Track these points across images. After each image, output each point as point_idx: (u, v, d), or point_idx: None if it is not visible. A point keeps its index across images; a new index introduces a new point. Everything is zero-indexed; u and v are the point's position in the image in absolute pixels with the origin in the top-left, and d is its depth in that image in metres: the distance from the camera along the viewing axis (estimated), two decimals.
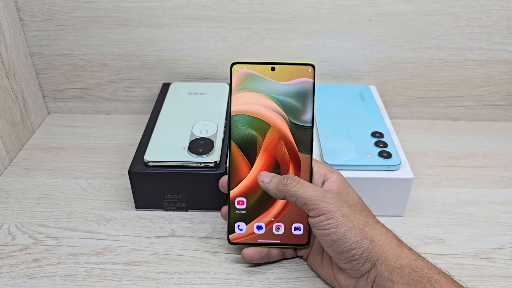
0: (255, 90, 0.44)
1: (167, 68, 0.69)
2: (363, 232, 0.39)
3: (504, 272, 0.47)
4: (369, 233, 0.39)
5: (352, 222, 0.40)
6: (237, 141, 0.45)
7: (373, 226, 0.40)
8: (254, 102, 0.44)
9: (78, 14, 0.64)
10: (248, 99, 0.44)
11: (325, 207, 0.40)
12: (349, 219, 0.40)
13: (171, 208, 0.54)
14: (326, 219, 0.40)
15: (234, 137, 0.45)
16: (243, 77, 0.44)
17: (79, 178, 0.60)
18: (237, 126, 0.44)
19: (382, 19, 0.64)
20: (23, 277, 0.46)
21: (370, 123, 0.58)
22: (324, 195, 0.41)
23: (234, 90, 0.44)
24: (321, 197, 0.40)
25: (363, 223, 0.40)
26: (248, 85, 0.44)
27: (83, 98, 0.72)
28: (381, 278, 0.38)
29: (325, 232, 0.40)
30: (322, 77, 0.69)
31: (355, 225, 0.39)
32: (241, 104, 0.44)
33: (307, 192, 0.41)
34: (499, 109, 0.71)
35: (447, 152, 0.65)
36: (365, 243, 0.39)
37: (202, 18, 0.64)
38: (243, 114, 0.44)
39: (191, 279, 0.46)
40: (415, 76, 0.69)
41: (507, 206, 0.56)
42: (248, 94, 0.44)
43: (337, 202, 0.41)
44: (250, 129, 0.44)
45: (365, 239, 0.39)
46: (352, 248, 0.39)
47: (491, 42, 0.65)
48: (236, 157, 0.45)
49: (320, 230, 0.40)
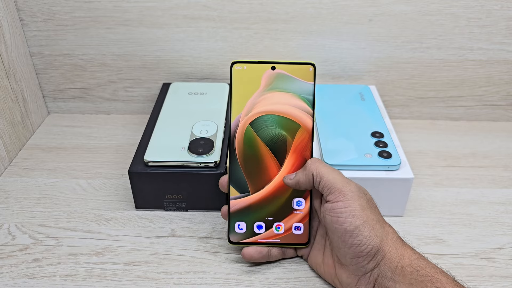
0: (285, 90, 0.44)
1: (167, 68, 0.69)
2: (376, 229, 0.39)
3: (504, 272, 0.47)
4: (380, 231, 0.39)
5: (368, 215, 0.39)
6: (267, 141, 0.45)
7: (382, 225, 0.40)
8: (284, 102, 0.44)
9: (78, 14, 0.64)
10: (278, 99, 0.44)
11: (346, 193, 0.40)
12: (365, 212, 0.39)
13: (171, 208, 0.54)
14: (344, 206, 0.39)
15: (263, 137, 0.45)
16: (273, 77, 0.44)
17: (79, 178, 0.60)
18: (267, 126, 0.45)
19: (382, 19, 0.64)
20: (23, 277, 0.46)
21: (370, 123, 0.58)
22: (348, 181, 0.41)
23: (264, 90, 0.44)
24: (344, 183, 0.40)
25: (376, 219, 0.40)
26: (278, 85, 0.44)
27: (83, 98, 0.72)
28: (384, 278, 0.38)
29: (340, 220, 0.39)
30: (322, 77, 0.69)
31: (370, 219, 0.39)
32: (271, 104, 0.44)
33: (332, 174, 0.41)
34: (499, 109, 0.71)
35: (447, 152, 0.65)
36: (375, 240, 0.39)
37: (202, 18, 0.64)
38: (272, 114, 0.44)
39: (191, 279, 0.46)
40: (415, 76, 0.69)
41: (507, 206, 0.56)
42: (278, 94, 0.44)
43: (358, 191, 0.40)
44: (280, 129, 0.45)
45: (376, 237, 0.39)
46: (363, 244, 0.39)
47: (491, 42, 0.65)
48: (265, 157, 0.45)
49: (335, 217, 0.40)
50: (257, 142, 0.45)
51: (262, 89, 0.44)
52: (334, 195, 0.40)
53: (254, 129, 0.45)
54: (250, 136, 0.45)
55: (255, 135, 0.45)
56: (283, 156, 0.45)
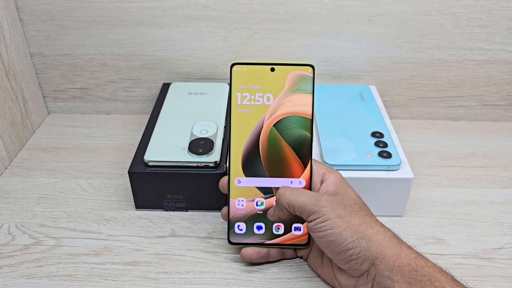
0: (308, 92, 0.44)
1: (167, 68, 0.69)
2: (359, 231, 0.39)
3: (504, 272, 0.47)
4: (365, 232, 0.39)
5: (347, 222, 0.40)
6: (291, 142, 0.45)
7: (370, 225, 0.40)
8: (309, 104, 0.44)
9: (78, 14, 0.64)
10: (302, 100, 0.44)
11: (319, 211, 0.40)
12: (344, 220, 0.40)
13: (171, 208, 0.54)
14: (321, 222, 0.40)
15: (287, 138, 0.45)
16: (297, 78, 0.44)
17: (79, 178, 0.60)
18: (291, 127, 0.45)
19: (382, 19, 0.64)
20: (23, 277, 0.46)
21: (370, 123, 0.58)
22: (318, 199, 0.41)
23: (288, 92, 0.44)
24: (315, 202, 0.41)
25: (359, 223, 0.40)
26: (301, 87, 0.44)
27: (83, 98, 0.72)
28: (381, 277, 0.39)
29: (320, 234, 0.40)
30: (322, 77, 0.69)
31: (351, 225, 0.40)
32: (295, 105, 0.44)
33: (301, 199, 0.42)
34: (499, 109, 0.71)
35: (447, 152, 0.65)
36: (361, 242, 0.39)
37: (202, 18, 0.64)
38: (297, 115, 0.45)
39: (191, 279, 0.46)
40: (415, 76, 0.69)
41: (507, 206, 0.56)
42: (302, 96, 0.44)
43: (331, 204, 0.41)
44: (304, 130, 0.45)
45: (361, 239, 0.39)
46: (349, 248, 0.39)
47: (491, 42, 0.65)
48: (289, 158, 0.45)
49: (316, 233, 0.41)
50: (281, 143, 0.45)
51: (286, 90, 0.44)
52: (311, 216, 0.41)
53: (278, 130, 0.45)
54: (274, 137, 0.45)
55: (279, 136, 0.45)
56: (307, 157, 0.45)
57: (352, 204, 0.42)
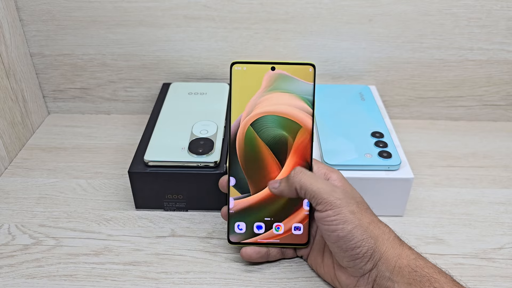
0: (285, 91, 0.44)
1: (167, 68, 0.69)
2: (369, 230, 0.39)
3: (504, 272, 0.47)
4: (374, 232, 0.39)
5: (359, 219, 0.39)
6: (268, 142, 0.45)
7: (377, 225, 0.40)
8: (286, 103, 0.44)
9: (78, 14, 0.64)
10: (279, 99, 0.44)
11: (333, 202, 0.39)
12: (356, 216, 0.39)
13: (171, 208, 0.54)
14: (333, 215, 0.39)
15: (264, 137, 0.45)
16: (274, 78, 0.44)
17: (79, 178, 0.60)
18: (268, 126, 0.44)
19: (382, 19, 0.64)
20: (23, 277, 0.46)
21: (370, 123, 0.58)
22: (333, 189, 0.40)
23: (265, 91, 0.44)
24: (330, 191, 0.40)
25: (369, 221, 0.40)
26: (279, 86, 0.44)
27: (83, 98, 0.72)
28: (382, 278, 0.38)
29: (331, 227, 0.39)
30: (322, 77, 0.69)
31: (362, 223, 0.39)
32: (272, 104, 0.44)
33: (316, 185, 0.41)
34: (499, 109, 0.71)
35: (447, 152, 0.65)
36: (370, 242, 0.39)
37: (202, 18, 0.64)
38: (274, 114, 0.44)
39: (191, 279, 0.46)
40: (415, 76, 0.69)
41: (507, 206, 0.56)
42: (279, 94, 0.44)
43: (346, 198, 0.40)
44: (281, 129, 0.44)
45: (370, 238, 0.39)
46: (357, 246, 0.39)
47: (491, 42, 0.65)
48: (266, 158, 0.45)
49: (326, 226, 0.40)
50: (258, 143, 0.45)
51: (262, 89, 0.44)
52: (322, 205, 0.40)
53: (255, 129, 0.45)
54: (251, 136, 0.45)
55: (256, 136, 0.45)
56: (284, 156, 0.45)
57: (362, 201, 0.42)
